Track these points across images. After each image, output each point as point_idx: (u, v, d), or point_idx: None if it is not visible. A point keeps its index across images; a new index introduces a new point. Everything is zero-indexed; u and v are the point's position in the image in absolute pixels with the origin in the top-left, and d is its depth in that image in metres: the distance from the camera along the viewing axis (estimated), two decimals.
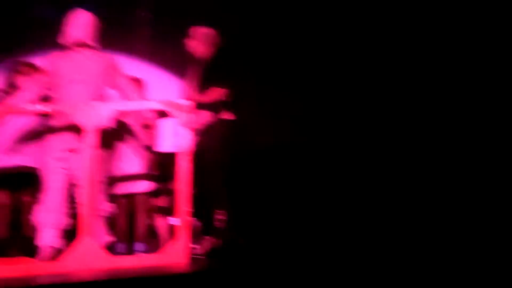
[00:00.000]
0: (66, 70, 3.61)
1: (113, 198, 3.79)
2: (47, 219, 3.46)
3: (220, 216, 3.78)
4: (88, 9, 3.77)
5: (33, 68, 4.20)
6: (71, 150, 3.51)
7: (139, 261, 3.32)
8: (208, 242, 3.72)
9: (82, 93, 3.57)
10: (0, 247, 3.87)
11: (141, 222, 4.26)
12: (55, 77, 3.63)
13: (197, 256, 3.60)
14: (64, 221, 3.51)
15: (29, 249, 3.90)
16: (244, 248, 3.71)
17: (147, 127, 4.41)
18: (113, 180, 3.81)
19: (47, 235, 3.45)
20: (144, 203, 4.29)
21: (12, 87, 4.17)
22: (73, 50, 3.66)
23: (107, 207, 3.60)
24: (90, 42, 3.68)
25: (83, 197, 3.27)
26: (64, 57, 3.66)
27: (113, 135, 3.73)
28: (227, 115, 3.86)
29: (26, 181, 4.03)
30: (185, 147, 3.37)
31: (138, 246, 4.19)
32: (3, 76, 4.26)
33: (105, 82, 3.70)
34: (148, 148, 4.40)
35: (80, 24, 3.66)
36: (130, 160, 4.23)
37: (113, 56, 3.76)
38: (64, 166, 3.51)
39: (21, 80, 4.13)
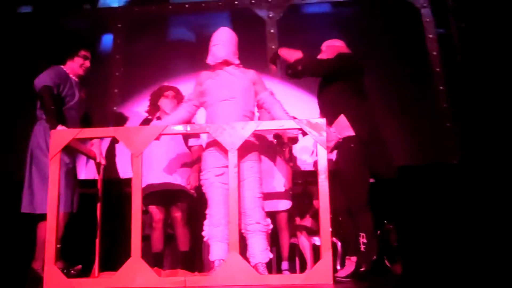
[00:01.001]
0: (215, 88, 3.68)
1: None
2: (214, 234, 3.53)
3: (363, 239, 3.68)
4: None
5: (176, 91, 4.49)
6: (227, 166, 3.47)
7: (285, 280, 3.35)
8: (351, 264, 3.67)
9: (231, 110, 3.62)
10: (157, 260, 4.16)
11: (285, 240, 4.33)
12: (204, 96, 3.72)
13: (341, 278, 3.57)
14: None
15: (184, 262, 4.18)
16: (391, 272, 3.58)
17: (287, 145, 4.48)
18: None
19: (215, 249, 3.53)
20: (286, 221, 4.36)
21: (156, 111, 4.49)
22: (219, 68, 3.72)
23: (266, 223, 3.58)
24: (234, 60, 3.73)
25: (230, 214, 3.31)
26: (211, 76, 3.72)
27: (259, 152, 3.75)
28: (351, 131, 3.68)
29: (176, 198, 4.32)
30: (322, 165, 3.31)
31: (284, 264, 4.27)
32: (149, 101, 4.58)
33: (252, 98, 3.73)
34: (289, 166, 4.48)
35: (223, 43, 3.71)
36: (273, 177, 4.33)
37: (256, 72, 3.77)
38: (223, 181, 3.55)
39: (165, 104, 4.44)
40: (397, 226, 4.23)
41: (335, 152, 3.80)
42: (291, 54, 3.88)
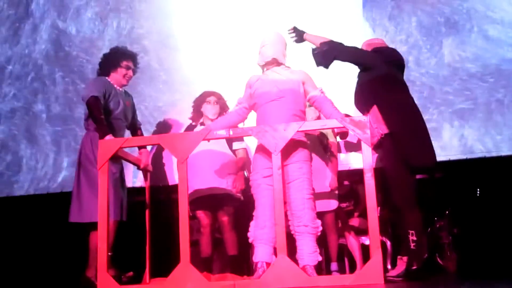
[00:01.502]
0: (263, 89, 3.70)
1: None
2: (260, 236, 3.54)
3: (413, 236, 3.59)
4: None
5: (218, 97, 4.50)
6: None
7: (335, 281, 3.31)
8: (403, 263, 3.60)
9: (280, 110, 3.62)
10: (206, 264, 4.19)
11: (333, 241, 4.28)
12: (254, 98, 3.74)
13: (392, 278, 3.51)
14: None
15: (233, 265, 4.19)
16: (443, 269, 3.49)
17: (333, 143, 4.43)
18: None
19: (261, 251, 3.53)
20: (333, 221, 4.31)
21: (200, 117, 4.51)
22: (268, 69, 3.76)
23: (315, 225, 3.54)
24: (283, 60, 3.76)
25: (276, 216, 3.32)
26: (260, 78, 3.75)
27: (309, 151, 3.72)
28: (383, 129, 3.60)
29: (223, 202, 4.33)
30: (367, 163, 3.28)
31: (333, 265, 4.22)
32: (192, 107, 4.59)
33: (302, 97, 3.73)
34: (336, 165, 4.42)
35: (272, 43, 3.76)
36: (324, 177, 4.28)
37: (306, 72, 3.77)
38: (270, 182, 3.50)
39: (207, 109, 4.44)
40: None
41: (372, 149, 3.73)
42: (317, 38, 3.90)
